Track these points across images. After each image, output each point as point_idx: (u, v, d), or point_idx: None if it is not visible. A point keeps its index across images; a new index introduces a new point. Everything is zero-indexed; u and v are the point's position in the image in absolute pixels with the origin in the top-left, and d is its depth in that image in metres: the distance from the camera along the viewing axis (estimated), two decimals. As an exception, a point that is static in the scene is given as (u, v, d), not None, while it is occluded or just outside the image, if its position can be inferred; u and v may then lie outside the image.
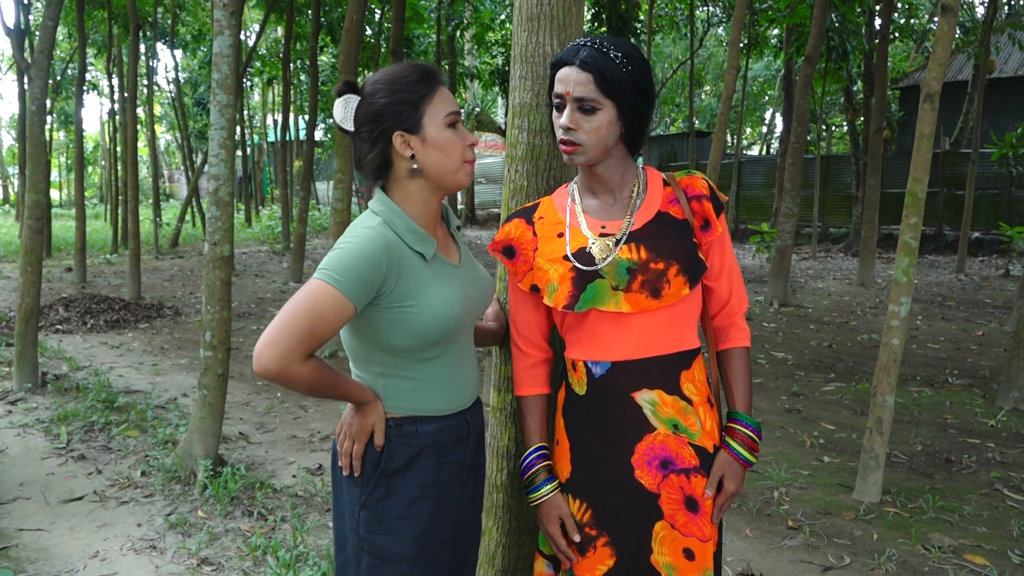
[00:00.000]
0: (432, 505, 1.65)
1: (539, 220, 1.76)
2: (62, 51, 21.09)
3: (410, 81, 1.58)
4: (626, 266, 1.60)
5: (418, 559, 1.64)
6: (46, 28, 5.66)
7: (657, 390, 1.63)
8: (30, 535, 3.43)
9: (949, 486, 4.05)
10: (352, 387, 1.59)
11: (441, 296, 1.58)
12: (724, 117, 6.45)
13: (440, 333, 1.58)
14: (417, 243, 1.58)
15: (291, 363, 1.43)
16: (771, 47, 16.74)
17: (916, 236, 3.78)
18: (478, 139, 1.60)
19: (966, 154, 15.57)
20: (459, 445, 1.69)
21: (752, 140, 37.57)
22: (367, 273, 1.48)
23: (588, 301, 1.61)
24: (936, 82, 3.71)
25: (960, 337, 7.95)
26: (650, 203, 1.68)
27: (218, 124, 4.07)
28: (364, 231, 1.54)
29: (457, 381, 1.68)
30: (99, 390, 5.55)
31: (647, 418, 1.63)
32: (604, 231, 1.66)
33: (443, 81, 1.63)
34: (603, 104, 1.59)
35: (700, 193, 1.69)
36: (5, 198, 41.58)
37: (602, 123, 1.60)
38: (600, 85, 1.57)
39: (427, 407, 1.64)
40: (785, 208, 9.88)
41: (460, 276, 1.67)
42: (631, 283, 1.59)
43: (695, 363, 1.68)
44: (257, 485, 3.92)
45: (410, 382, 1.63)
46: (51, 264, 13.75)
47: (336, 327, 1.49)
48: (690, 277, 1.61)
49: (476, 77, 20.93)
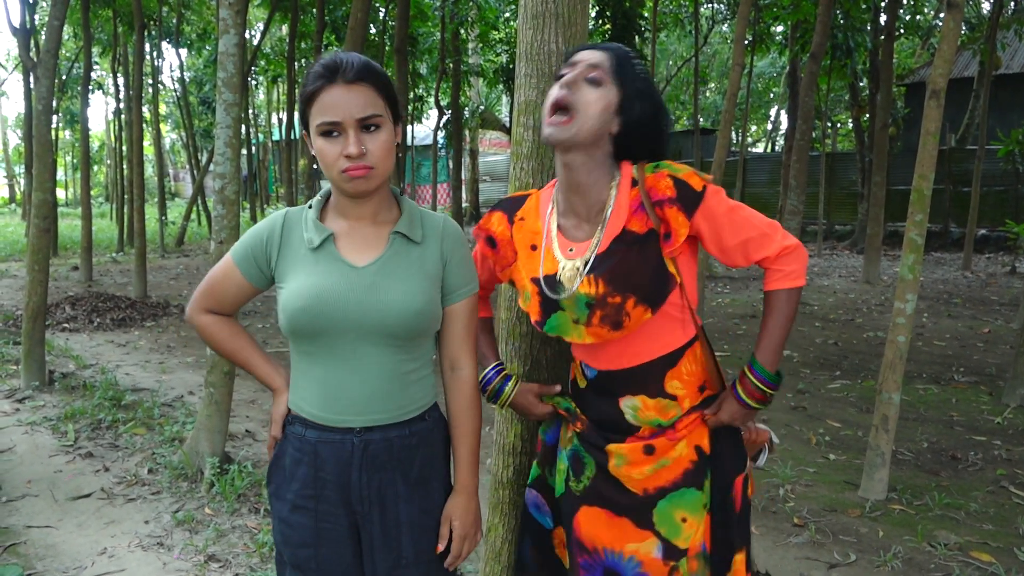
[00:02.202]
0: (312, 522, 1.58)
1: (519, 222, 1.75)
2: (67, 50, 21.13)
3: (305, 81, 1.50)
4: (584, 301, 1.59)
5: (299, 570, 1.61)
6: (52, 27, 5.68)
7: (640, 395, 1.65)
8: (38, 532, 3.45)
9: (955, 483, 4.04)
10: (259, 366, 1.71)
11: (295, 284, 1.54)
12: (729, 114, 6.44)
13: (289, 324, 1.53)
14: (308, 229, 1.58)
15: (193, 312, 1.70)
16: (776, 44, 16.68)
17: (922, 233, 3.78)
18: (358, 150, 1.44)
19: (972, 151, 15.50)
20: (341, 467, 1.55)
21: (757, 137, 37.49)
22: (251, 244, 1.61)
23: (554, 328, 1.65)
24: (942, 79, 3.70)
25: (966, 334, 7.93)
26: (617, 215, 1.62)
27: (224, 123, 4.08)
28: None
29: (334, 390, 1.55)
30: (106, 388, 5.57)
31: (630, 422, 1.67)
32: (572, 254, 1.64)
33: (337, 80, 1.46)
34: (610, 84, 1.56)
35: (662, 197, 1.58)
36: (12, 197, 41.70)
37: (600, 100, 1.56)
38: (615, 64, 1.57)
39: (302, 406, 1.60)
40: (790, 206, 9.86)
41: (343, 274, 1.53)
42: (591, 317, 1.59)
43: (683, 358, 1.65)
44: (263, 482, 3.93)
45: (296, 374, 1.63)
46: (57, 263, 13.79)
47: (230, 289, 1.65)
48: (651, 304, 1.57)
49: (480, 75, 20.92)
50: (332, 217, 1.61)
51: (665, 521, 1.64)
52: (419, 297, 1.54)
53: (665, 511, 1.64)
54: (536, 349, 2.04)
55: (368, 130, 1.48)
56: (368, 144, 1.47)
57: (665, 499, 1.64)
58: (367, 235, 1.58)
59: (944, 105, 3.74)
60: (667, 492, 1.64)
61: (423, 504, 1.61)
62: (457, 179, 18.72)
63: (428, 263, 1.58)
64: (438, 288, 1.60)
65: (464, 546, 1.63)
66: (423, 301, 1.54)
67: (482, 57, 21.94)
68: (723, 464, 1.69)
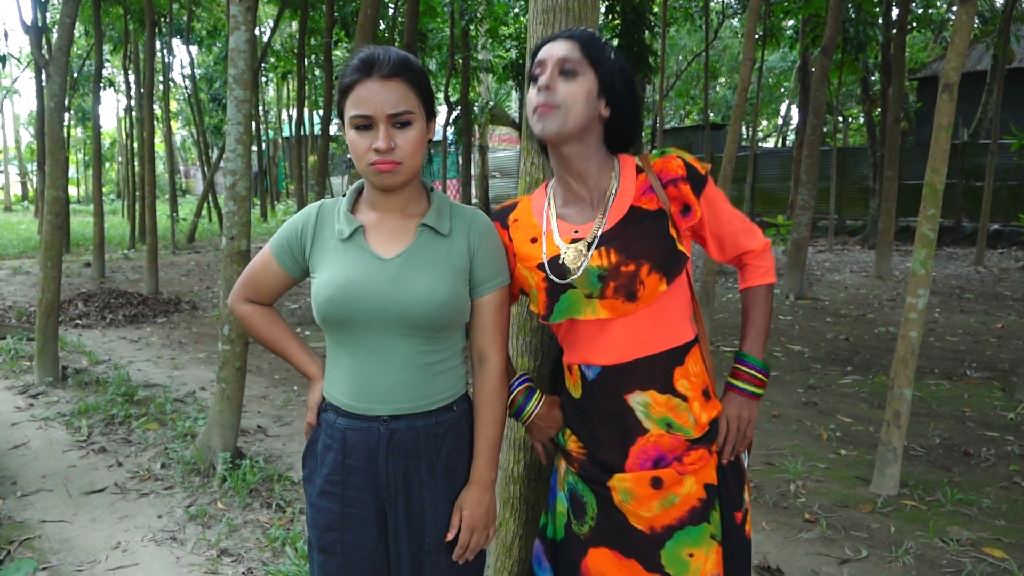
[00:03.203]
0: (338, 506, 1.62)
1: (513, 223, 1.74)
2: (79, 48, 21.23)
3: (342, 74, 1.53)
4: (597, 273, 1.57)
5: (324, 553, 1.66)
6: (64, 25, 5.71)
7: (650, 391, 1.60)
8: (53, 526, 3.48)
9: (967, 479, 4.02)
10: (296, 355, 1.76)
11: (325, 275, 1.58)
12: (739, 109, 6.42)
13: (319, 313, 1.58)
14: (339, 220, 1.62)
15: (234, 301, 1.77)
16: (787, 38, 16.60)
17: (934, 228, 3.76)
18: (387, 145, 1.48)
19: (985, 145, 15.40)
20: (369, 454, 1.59)
21: (767, 132, 37.35)
22: (287, 235, 1.66)
23: (563, 312, 1.61)
24: (955, 72, 3.68)
25: (979, 330, 7.89)
26: (622, 198, 1.62)
27: (235, 119, 4.09)
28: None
29: (361, 378, 1.59)
30: (119, 384, 5.61)
31: (640, 420, 1.61)
32: (577, 235, 1.63)
33: (372, 75, 1.48)
34: (585, 70, 1.56)
35: (675, 176, 1.61)
36: (24, 194, 41.97)
37: (581, 89, 1.55)
38: (585, 50, 1.56)
39: (333, 394, 1.64)
40: (801, 200, 9.82)
41: (371, 266, 1.56)
42: (604, 290, 1.57)
43: (689, 357, 1.63)
44: (275, 477, 3.95)
45: (329, 362, 1.67)
46: (70, 260, 13.88)
47: (268, 279, 1.71)
48: (665, 273, 1.56)
49: (490, 71, 20.90)
50: (363, 209, 1.64)
51: (673, 561, 1.61)
52: (443, 289, 1.55)
53: (672, 551, 1.61)
54: (547, 344, 2.04)
55: (399, 126, 1.50)
56: (398, 139, 1.50)
57: (672, 539, 1.61)
58: (396, 227, 1.61)
59: (957, 99, 3.72)
60: (674, 531, 1.61)
61: (448, 493, 1.63)
62: (467, 175, 18.71)
63: (455, 255, 1.59)
64: (465, 280, 1.60)
65: (472, 538, 1.62)
66: (447, 293, 1.55)
67: (492, 53, 21.93)
68: (728, 498, 1.67)
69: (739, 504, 1.69)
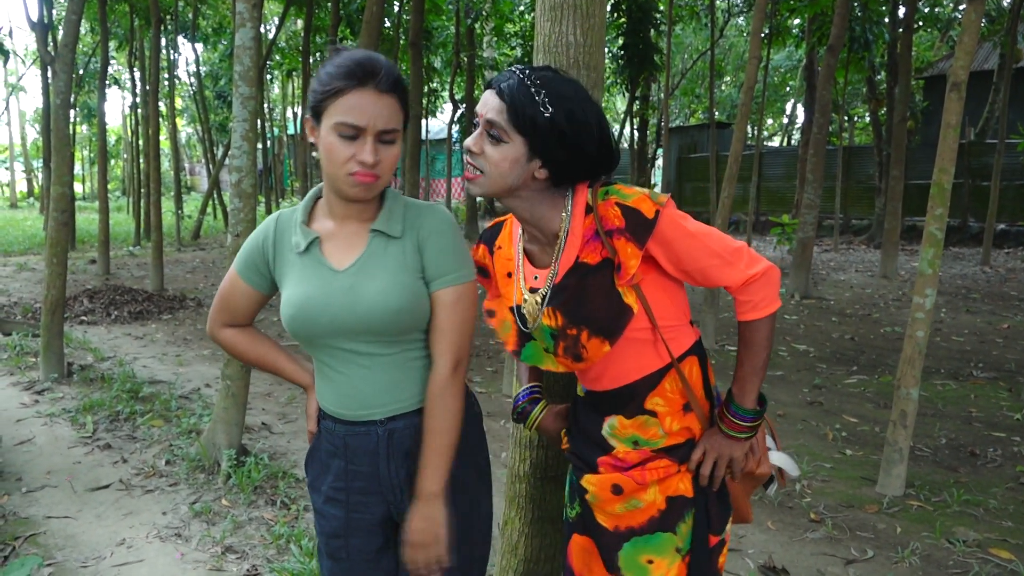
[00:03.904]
0: (343, 512, 1.62)
1: (497, 251, 1.74)
2: (85, 45, 21.27)
3: (332, 74, 1.44)
4: (549, 332, 1.60)
5: (332, 559, 1.66)
6: (70, 22, 5.71)
7: (618, 416, 1.64)
8: (58, 522, 3.48)
9: (974, 480, 4.01)
10: (286, 368, 1.74)
11: (287, 292, 1.57)
12: (745, 108, 6.40)
13: (289, 330, 1.57)
14: (296, 233, 1.59)
15: (213, 329, 1.75)
16: (793, 37, 16.55)
17: (942, 227, 3.74)
18: (374, 160, 1.43)
19: (992, 144, 15.35)
20: (371, 457, 1.59)
21: (773, 131, 37.26)
22: (250, 252, 1.65)
23: (529, 357, 1.67)
24: (963, 71, 3.66)
25: (985, 330, 7.86)
26: (572, 244, 1.57)
27: (240, 116, 4.09)
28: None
29: (346, 388, 1.58)
30: (124, 380, 5.62)
31: (605, 438, 1.66)
32: (536, 282, 1.64)
33: (369, 85, 1.42)
34: (511, 138, 1.48)
35: (611, 227, 1.51)
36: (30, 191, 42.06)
37: (506, 157, 1.49)
38: (511, 117, 1.47)
39: (327, 404, 1.63)
40: (807, 199, 9.80)
41: (325, 279, 1.54)
42: (556, 347, 1.60)
43: (665, 378, 1.60)
44: (280, 474, 3.95)
45: (316, 375, 1.67)
46: (75, 256, 13.91)
47: (240, 300, 1.68)
48: (607, 336, 1.52)
49: (495, 68, 20.89)
50: (320, 218, 1.60)
51: (631, 565, 1.62)
52: (397, 294, 1.50)
53: (630, 554, 1.62)
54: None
55: (384, 142, 1.47)
56: (382, 154, 1.46)
57: (630, 542, 1.62)
58: (351, 235, 1.57)
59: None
60: (634, 534, 1.62)
61: (447, 490, 1.59)
62: (471, 173, 18.68)
63: (407, 256, 1.54)
64: (421, 279, 1.55)
65: (419, 555, 1.53)
66: (402, 297, 1.50)
67: (497, 51, 21.92)
68: (705, 519, 1.65)
69: (717, 529, 1.67)
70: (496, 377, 6.11)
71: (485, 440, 1.75)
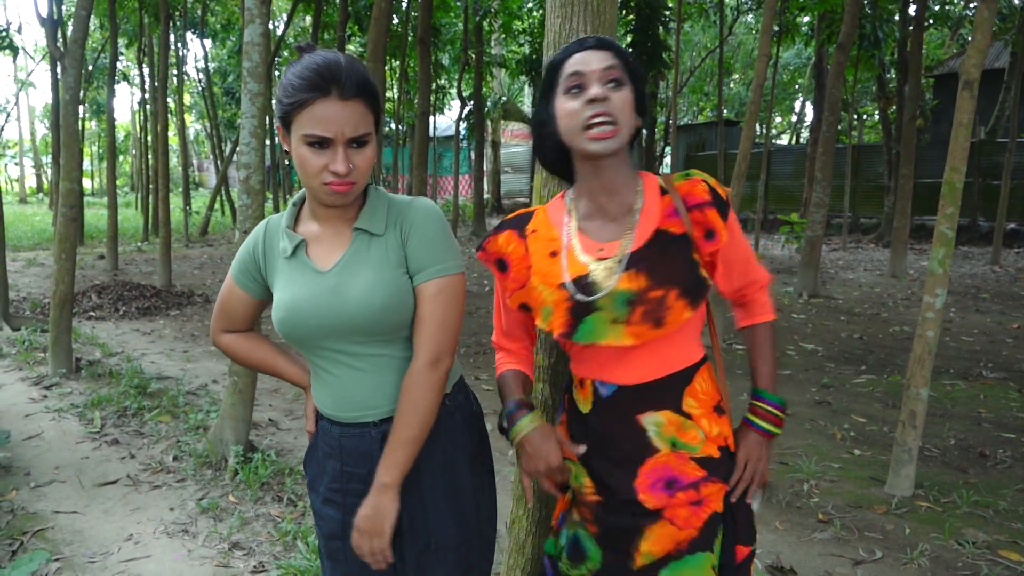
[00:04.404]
0: (340, 514, 1.62)
1: (532, 234, 1.65)
2: (94, 41, 21.32)
3: (294, 86, 1.41)
4: (624, 297, 1.50)
5: (331, 560, 1.66)
6: (79, 18, 5.72)
7: (664, 411, 1.56)
8: (65, 518, 3.49)
9: (983, 481, 3.98)
10: (286, 370, 1.73)
11: (277, 297, 1.58)
12: (755, 105, 6.37)
13: (280, 334, 1.57)
14: (282, 238, 1.59)
15: (214, 335, 1.76)
16: (802, 35, 16.50)
17: (953, 226, 3.71)
18: (346, 168, 1.41)
19: (1002, 143, 15.26)
20: (366, 459, 1.58)
21: (781, 129, 37.14)
22: (243, 259, 1.66)
23: (587, 335, 1.53)
24: (975, 69, 3.63)
25: (994, 330, 7.82)
26: (648, 217, 1.56)
27: (249, 112, 4.09)
28: None
29: (340, 390, 1.57)
30: (131, 376, 5.63)
31: (651, 440, 1.56)
32: (601, 254, 1.56)
33: (332, 94, 1.39)
34: (627, 83, 1.51)
35: (701, 201, 1.55)
36: (39, 187, 42.24)
37: (628, 101, 1.50)
38: (622, 61, 1.52)
39: (322, 406, 1.63)
40: (815, 198, 9.76)
41: (311, 281, 1.53)
42: (631, 315, 1.50)
43: (697, 375, 1.59)
44: (287, 471, 3.95)
45: (312, 377, 1.66)
46: (84, 252, 13.96)
47: (238, 306, 1.69)
48: (691, 300, 1.51)
49: (503, 66, 20.88)
50: (307, 220, 1.60)
51: None
52: (381, 291, 1.49)
53: None
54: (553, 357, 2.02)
55: (356, 146, 1.44)
56: (355, 159, 1.44)
57: (668, 567, 1.57)
58: (335, 236, 1.57)
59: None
60: (671, 559, 1.57)
61: (448, 489, 1.60)
62: (479, 170, 18.70)
63: (391, 251, 1.52)
64: (406, 274, 1.54)
65: (363, 544, 1.53)
66: (386, 294, 1.49)
67: (505, 48, 21.90)
68: (734, 528, 1.63)
69: (746, 539, 1.64)
70: (503, 375, 6.09)
71: (488, 440, 1.73)
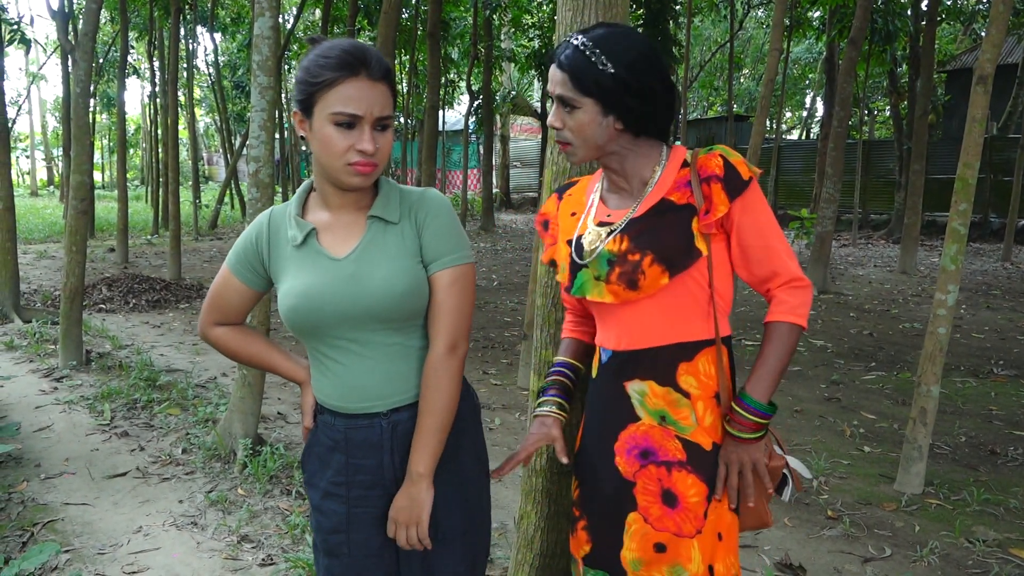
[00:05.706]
0: (344, 507, 1.61)
1: (568, 197, 1.79)
2: (105, 35, 21.38)
3: (321, 65, 1.44)
4: (607, 257, 1.59)
5: (330, 555, 1.64)
6: (90, 11, 5.73)
7: (648, 381, 1.60)
8: (75, 509, 3.51)
9: (994, 479, 3.96)
10: (280, 365, 1.72)
11: (287, 285, 1.56)
12: (766, 100, 6.34)
13: (288, 324, 1.55)
14: (291, 227, 1.58)
15: (204, 328, 1.72)
16: (813, 29, 16.40)
17: (965, 223, 3.69)
18: (373, 148, 1.45)
19: (1015, 139, 15.15)
20: (375, 450, 1.58)
21: (792, 124, 36.97)
22: (243, 249, 1.64)
23: (578, 288, 1.65)
24: (990, 64, 3.60)
25: (1006, 327, 7.77)
26: (659, 189, 1.61)
27: (259, 106, 4.09)
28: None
29: (349, 380, 1.57)
30: (141, 368, 5.65)
31: (633, 408, 1.62)
32: (608, 219, 1.64)
33: (362, 74, 1.43)
34: (581, 103, 1.54)
35: (710, 174, 1.56)
36: (50, 180, 42.43)
37: (583, 122, 1.56)
38: (575, 83, 1.53)
39: (326, 398, 1.62)
40: (826, 194, 9.71)
41: (326, 268, 1.54)
42: (610, 274, 1.58)
43: (700, 355, 1.59)
44: (295, 464, 3.96)
45: (313, 370, 1.65)
46: (94, 244, 14.02)
47: (233, 298, 1.66)
48: (668, 266, 1.53)
49: (512, 60, 20.82)
50: (314, 209, 1.60)
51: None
52: (401, 278, 1.51)
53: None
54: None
55: (380, 129, 1.48)
56: (379, 141, 1.47)
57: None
58: (348, 224, 1.57)
59: (991, 91, 3.64)
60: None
61: (453, 480, 1.60)
62: (488, 164, 18.69)
63: (407, 240, 1.55)
64: (421, 263, 1.56)
65: (399, 534, 1.55)
66: (406, 282, 1.51)
67: (514, 42, 21.83)
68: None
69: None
70: (511, 369, 6.10)
71: (482, 432, 1.74)
